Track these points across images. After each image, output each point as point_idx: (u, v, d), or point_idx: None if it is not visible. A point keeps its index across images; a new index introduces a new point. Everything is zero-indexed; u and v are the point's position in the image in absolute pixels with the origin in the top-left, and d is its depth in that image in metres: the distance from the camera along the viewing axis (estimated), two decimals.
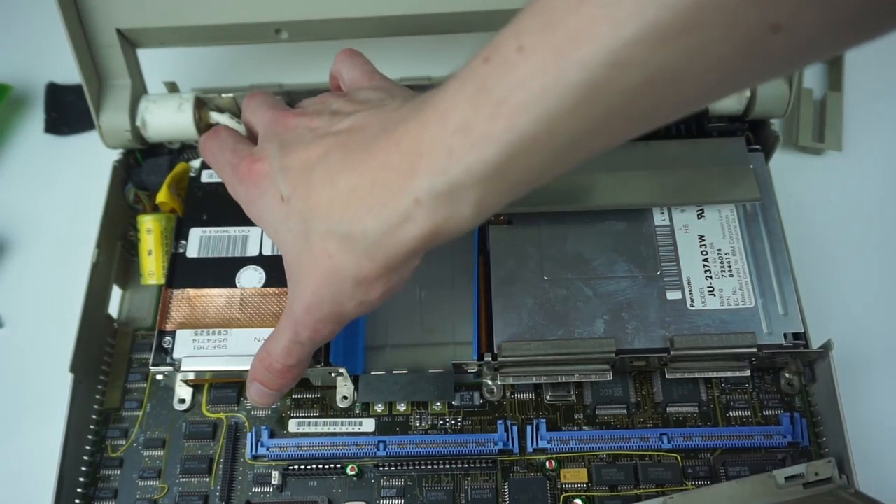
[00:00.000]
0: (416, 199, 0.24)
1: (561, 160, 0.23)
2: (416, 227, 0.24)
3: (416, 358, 0.36)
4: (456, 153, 0.23)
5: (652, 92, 0.21)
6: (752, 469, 0.32)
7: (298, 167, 0.27)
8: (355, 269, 0.26)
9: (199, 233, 0.37)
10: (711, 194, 0.36)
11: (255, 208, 0.30)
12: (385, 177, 0.24)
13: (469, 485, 0.33)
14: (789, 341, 0.33)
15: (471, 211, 0.24)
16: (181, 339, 0.34)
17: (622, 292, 0.34)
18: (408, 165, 0.24)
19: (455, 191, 0.23)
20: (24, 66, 0.49)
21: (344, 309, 0.27)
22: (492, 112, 0.22)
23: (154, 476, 0.34)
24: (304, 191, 0.27)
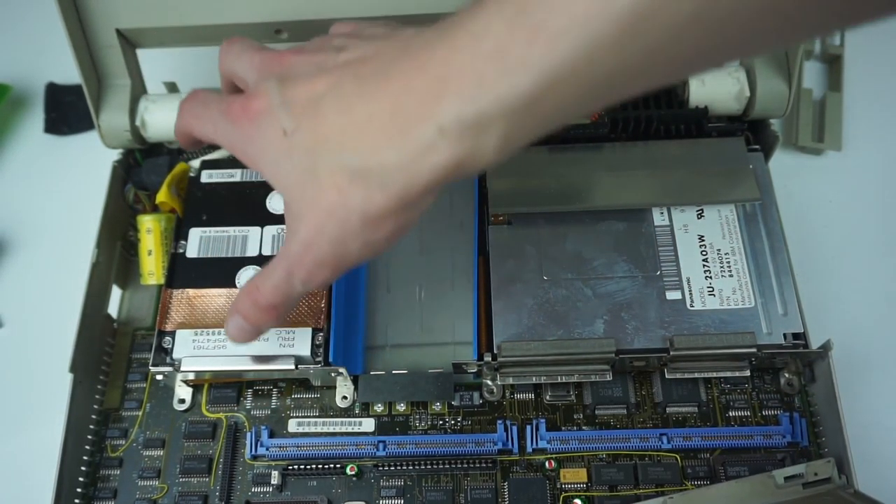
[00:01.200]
0: (441, 128, 0.22)
1: (596, 97, 0.22)
2: (438, 158, 0.22)
3: (416, 358, 0.36)
4: (487, 79, 0.21)
5: (698, 29, 0.19)
6: (752, 469, 0.32)
7: (303, 100, 0.25)
8: (365, 202, 0.24)
9: (198, 233, 0.36)
10: (711, 194, 0.36)
11: (251, 148, 0.27)
12: (407, 102, 0.22)
13: (469, 485, 0.33)
14: (789, 341, 0.33)
15: (496, 144, 0.22)
16: (181, 339, 0.34)
17: (622, 292, 0.34)
18: (433, 90, 0.22)
19: (483, 120, 0.22)
20: (23, 66, 0.49)
21: (346, 249, 0.25)
22: (529, 37, 0.20)
23: (154, 476, 0.34)
24: (311, 122, 0.24)
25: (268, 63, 0.28)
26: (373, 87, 0.23)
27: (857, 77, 0.46)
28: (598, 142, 0.37)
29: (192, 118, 0.30)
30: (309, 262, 0.26)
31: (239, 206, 0.37)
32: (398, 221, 0.25)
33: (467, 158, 0.22)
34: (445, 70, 0.22)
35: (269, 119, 0.26)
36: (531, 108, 0.21)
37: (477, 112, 0.21)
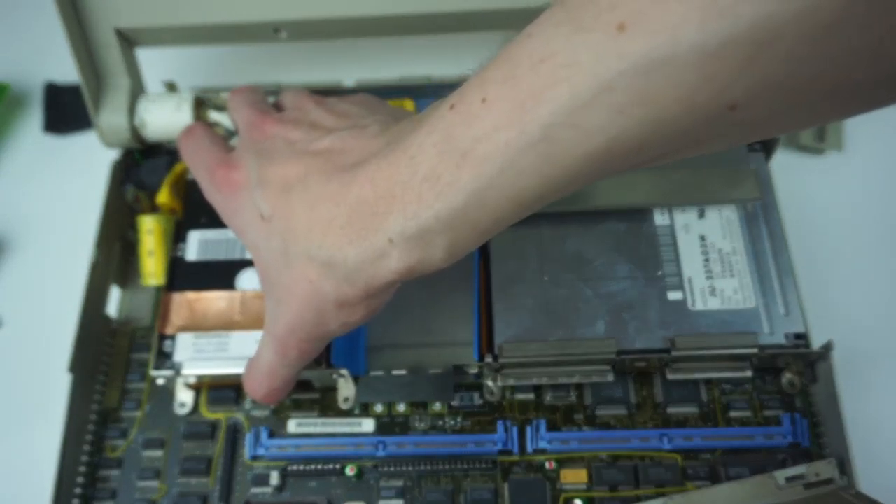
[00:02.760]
0: (390, 239, 0.24)
1: (529, 207, 0.23)
2: (391, 264, 0.25)
3: (416, 358, 0.36)
4: (425, 199, 0.23)
5: (611, 157, 0.21)
6: (753, 470, 0.32)
7: (277, 184, 0.28)
8: (336, 293, 0.26)
9: (197, 235, 0.37)
10: (712, 194, 0.36)
11: (234, 221, 0.30)
12: (361, 211, 0.25)
13: (469, 485, 0.33)
14: (791, 341, 0.33)
15: (442, 254, 0.24)
16: (182, 343, 0.34)
17: (623, 293, 0.34)
18: (382, 204, 0.24)
19: (425, 235, 0.24)
20: (22, 66, 0.49)
21: (328, 329, 0.28)
22: (458, 161, 0.22)
23: (153, 476, 0.34)
24: (285, 211, 0.27)
25: (252, 129, 0.31)
26: (334, 189, 0.26)
27: None
28: None
29: (185, 155, 0.33)
30: (297, 343, 0.28)
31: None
32: (370, 306, 0.27)
33: (417, 264, 0.25)
34: (390, 187, 0.24)
35: (248, 198, 0.29)
36: (468, 222, 0.23)
37: (418, 227, 0.24)
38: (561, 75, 0.20)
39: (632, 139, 0.20)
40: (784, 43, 0.17)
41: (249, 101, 0.32)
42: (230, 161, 0.30)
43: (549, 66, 0.20)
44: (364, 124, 0.28)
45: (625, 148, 0.21)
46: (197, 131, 0.33)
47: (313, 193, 0.26)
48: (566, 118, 0.20)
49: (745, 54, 0.18)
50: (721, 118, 0.19)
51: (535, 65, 0.21)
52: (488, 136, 0.22)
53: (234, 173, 0.30)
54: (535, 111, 0.21)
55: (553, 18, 0.21)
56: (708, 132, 0.20)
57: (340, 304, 0.27)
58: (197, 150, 0.32)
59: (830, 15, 0.17)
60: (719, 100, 0.19)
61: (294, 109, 0.31)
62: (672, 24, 0.18)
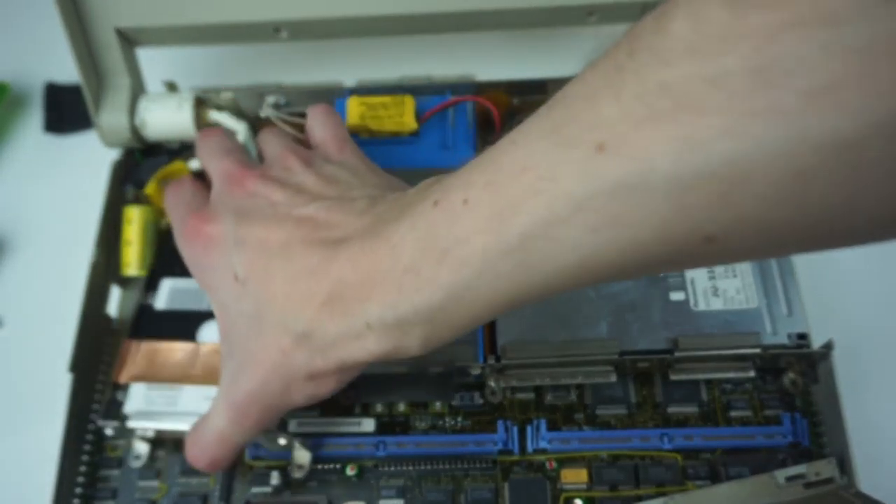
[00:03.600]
0: (368, 324, 0.25)
1: (506, 308, 0.23)
2: (367, 346, 0.25)
3: (416, 358, 0.36)
4: (405, 291, 0.24)
5: (586, 273, 0.21)
6: (753, 469, 0.32)
7: (255, 247, 0.27)
8: (309, 365, 0.26)
9: (170, 284, 0.37)
10: None
11: (203, 276, 0.29)
12: (342, 293, 0.25)
13: (469, 485, 0.33)
14: (793, 341, 0.33)
15: (417, 343, 0.25)
16: (134, 394, 0.34)
17: (625, 293, 0.34)
18: (362, 289, 0.25)
19: (403, 325, 0.24)
20: (22, 66, 0.49)
21: (291, 400, 0.28)
22: (438, 259, 0.23)
23: (153, 476, 0.34)
24: (262, 278, 0.27)
25: (231, 181, 0.30)
26: (315, 264, 0.26)
27: None
28: None
29: (167, 207, 0.33)
30: (256, 412, 0.28)
31: None
32: (339, 380, 0.27)
33: (392, 351, 0.25)
34: (371, 274, 0.24)
35: (222, 254, 0.28)
36: (444, 318, 0.24)
37: (396, 318, 0.24)
38: (539, 188, 0.20)
39: (606, 259, 0.20)
40: (756, 184, 0.17)
41: (226, 150, 0.32)
42: (205, 214, 0.30)
43: (529, 177, 0.21)
44: (352, 197, 0.28)
45: (599, 266, 0.21)
46: (185, 183, 0.33)
47: (295, 265, 0.26)
48: (542, 230, 0.21)
49: (719, 190, 0.18)
50: (696, 249, 0.19)
51: (515, 174, 0.21)
52: (468, 239, 0.22)
53: (208, 226, 0.29)
54: (513, 220, 0.21)
55: (538, 127, 0.21)
56: (684, 260, 0.20)
57: (311, 377, 0.27)
58: (178, 201, 0.32)
59: (802, 164, 0.17)
60: (695, 232, 0.19)
61: (278, 167, 0.30)
62: (649, 151, 0.18)
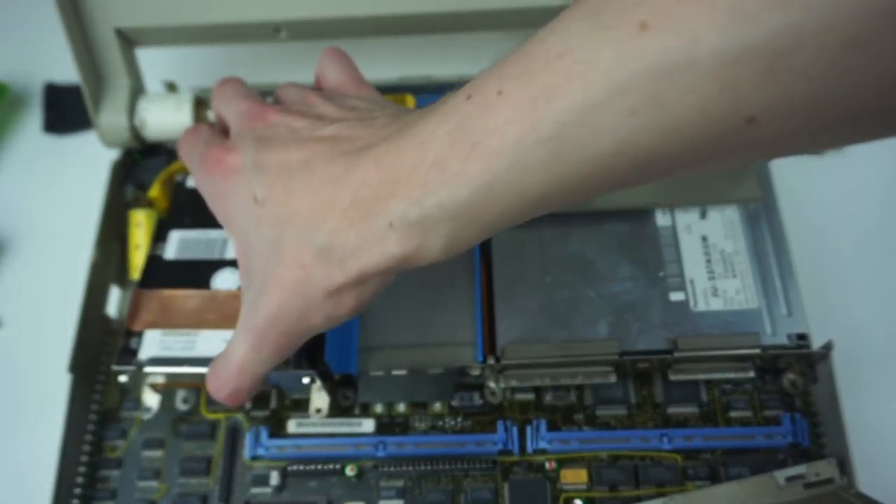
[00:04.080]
0: (391, 223, 0.24)
1: (534, 207, 0.23)
2: (387, 250, 0.24)
3: (416, 358, 0.36)
4: (430, 186, 0.23)
5: (622, 162, 0.20)
6: (753, 470, 0.32)
7: (275, 167, 0.27)
8: (327, 280, 0.25)
9: (178, 235, 0.36)
10: (713, 195, 0.36)
11: (222, 206, 0.28)
12: (364, 195, 0.24)
13: (469, 485, 0.33)
14: (793, 342, 0.33)
15: (441, 244, 0.24)
16: (149, 341, 0.33)
17: (625, 294, 0.34)
18: (385, 188, 0.24)
19: (426, 222, 0.23)
20: (21, 66, 0.49)
21: (310, 322, 0.27)
22: (468, 152, 0.22)
23: (153, 477, 0.34)
24: (282, 195, 0.26)
25: (251, 116, 0.29)
26: (338, 172, 0.25)
27: None
28: None
29: (184, 152, 0.32)
30: (276, 336, 0.27)
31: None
32: (358, 297, 0.26)
33: (414, 253, 0.24)
34: (396, 172, 0.24)
35: (241, 180, 0.27)
36: (471, 215, 0.23)
37: (420, 214, 0.23)
38: (576, 72, 0.20)
39: (643, 144, 0.20)
40: (803, 57, 0.17)
41: (243, 94, 0.31)
42: (226, 145, 0.29)
43: (565, 62, 0.20)
44: (373, 116, 0.28)
45: (635, 153, 0.20)
46: (202, 128, 0.32)
47: (316, 177, 0.26)
48: (578, 116, 0.20)
49: (765, 65, 0.17)
50: (737, 132, 0.19)
51: (551, 61, 0.20)
52: (500, 130, 0.21)
53: (228, 156, 0.28)
54: (548, 108, 0.20)
55: (575, 14, 0.21)
56: (722, 146, 0.20)
57: (329, 293, 0.26)
58: (195, 142, 0.31)
59: (853, 32, 0.16)
60: (736, 111, 0.18)
61: (298, 103, 0.30)
62: (695, 26, 0.18)
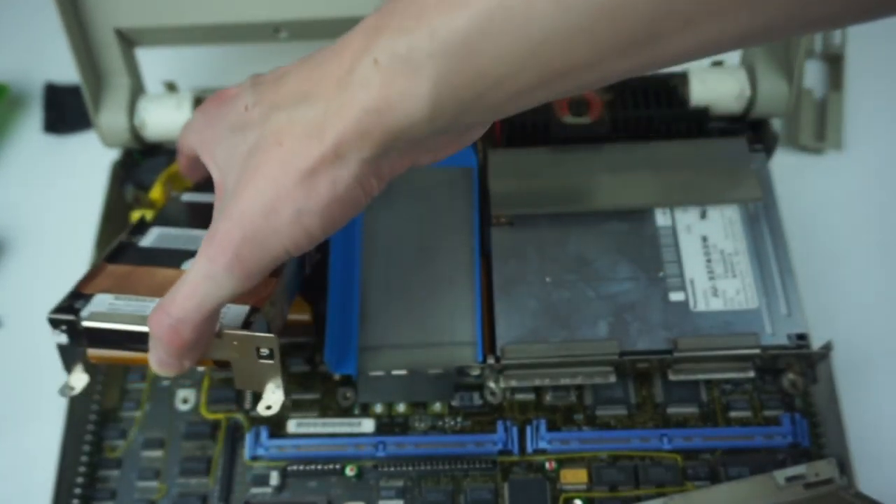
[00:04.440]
0: (375, 59, 0.22)
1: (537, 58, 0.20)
2: (368, 93, 0.22)
3: (416, 358, 0.36)
4: (426, 15, 0.21)
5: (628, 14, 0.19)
6: (753, 470, 0.32)
7: (270, 80, 0.25)
8: (302, 156, 0.23)
9: (159, 231, 0.34)
10: (713, 195, 0.36)
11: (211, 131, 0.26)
12: (353, 43, 0.22)
13: (468, 485, 0.33)
14: (793, 342, 0.33)
15: (428, 88, 0.21)
16: (97, 301, 0.29)
17: (625, 294, 0.34)
18: (377, 24, 0.22)
19: (414, 55, 0.21)
20: (21, 66, 0.49)
21: (277, 220, 0.23)
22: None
23: (152, 477, 0.34)
24: (272, 90, 0.25)
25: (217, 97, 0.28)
26: (339, 46, 0.23)
27: (858, 76, 0.46)
28: (598, 142, 0.37)
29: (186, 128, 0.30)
30: (236, 242, 0.23)
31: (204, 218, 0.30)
32: (332, 185, 0.23)
33: (396, 99, 0.22)
34: (392, 6, 0.22)
35: (236, 102, 0.26)
36: (466, 52, 0.21)
37: (409, 45, 0.21)
38: None
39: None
40: None
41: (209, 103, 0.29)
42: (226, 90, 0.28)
43: None
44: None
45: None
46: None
47: (309, 63, 0.24)
48: None
49: None
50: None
51: None
52: None
53: (227, 91, 0.28)
54: None
55: None
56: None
57: (303, 175, 0.23)
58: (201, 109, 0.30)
59: None
60: None
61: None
62: None
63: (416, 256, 0.37)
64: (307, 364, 0.36)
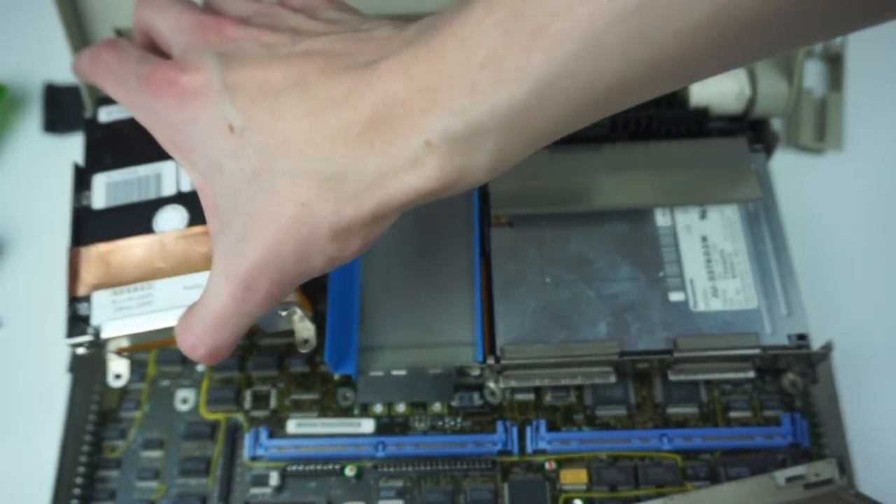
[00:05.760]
0: (428, 142, 0.20)
1: (595, 108, 0.20)
2: (422, 174, 0.21)
3: (416, 358, 0.36)
4: (480, 90, 0.20)
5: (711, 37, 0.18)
6: (753, 470, 0.32)
7: (253, 88, 0.22)
8: (334, 217, 0.22)
9: (104, 179, 0.32)
10: (713, 195, 0.36)
11: (179, 136, 0.24)
12: (389, 112, 0.21)
13: (468, 486, 0.33)
14: (793, 342, 0.33)
15: (487, 161, 0.21)
16: (98, 302, 0.29)
17: (625, 294, 0.34)
18: (420, 101, 0.20)
19: (475, 135, 0.20)
20: (21, 66, 0.49)
21: (309, 266, 0.23)
22: (527, 42, 0.19)
23: (152, 477, 0.34)
24: (268, 121, 0.22)
25: (202, 29, 0.24)
26: (347, 88, 0.21)
27: (858, 77, 0.46)
28: (598, 142, 0.37)
29: (104, 72, 0.27)
30: (267, 285, 0.23)
31: (147, 140, 0.29)
32: (368, 236, 0.23)
33: (455, 176, 0.21)
34: (433, 79, 0.20)
35: (206, 105, 0.23)
36: (527, 121, 0.20)
37: (468, 125, 0.20)
38: None
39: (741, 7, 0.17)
40: None
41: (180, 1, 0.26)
42: (176, 63, 0.24)
43: None
44: (364, 28, 0.23)
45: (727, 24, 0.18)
46: (122, 43, 0.27)
47: (314, 99, 0.22)
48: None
49: None
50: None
51: None
52: (570, 9, 0.18)
53: (183, 76, 0.23)
54: None
55: None
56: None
57: (336, 233, 0.22)
58: (121, 60, 0.26)
59: None
60: None
61: (262, 15, 0.25)
62: None
63: (417, 257, 0.37)
64: (307, 364, 0.36)
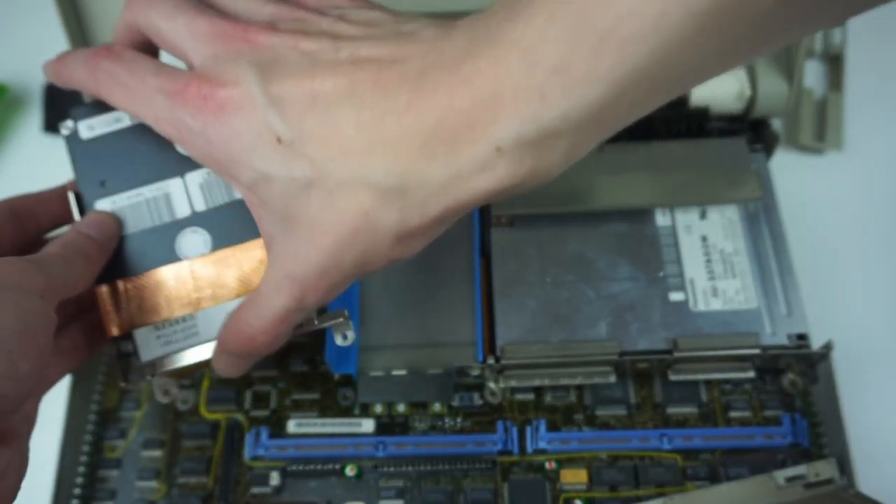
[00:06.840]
0: (498, 148, 0.20)
1: (665, 95, 0.20)
2: (493, 178, 0.21)
3: (416, 358, 0.36)
4: (550, 97, 0.20)
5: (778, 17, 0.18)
6: (753, 470, 0.32)
7: (300, 100, 0.22)
8: (399, 224, 0.22)
9: (108, 205, 0.29)
10: (713, 194, 0.36)
11: (222, 151, 0.23)
12: (454, 121, 0.21)
13: (468, 485, 0.33)
14: (793, 342, 0.33)
15: (559, 159, 0.21)
16: (142, 340, 0.28)
17: (625, 294, 0.34)
18: (486, 110, 0.20)
19: (548, 138, 0.20)
20: (22, 66, 0.49)
21: (368, 268, 0.23)
22: (596, 47, 0.19)
23: (152, 477, 0.34)
24: (321, 133, 0.22)
25: (227, 38, 0.23)
26: (404, 100, 0.21)
27: (858, 77, 0.46)
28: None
29: (111, 84, 0.25)
30: (325, 287, 0.23)
31: (142, 157, 0.28)
32: (432, 237, 0.23)
33: (527, 175, 0.21)
34: (497, 87, 0.20)
35: (250, 119, 0.22)
36: (599, 119, 0.20)
37: (539, 130, 0.20)
38: None
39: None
40: None
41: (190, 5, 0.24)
42: (207, 76, 0.23)
43: None
44: (408, 31, 0.23)
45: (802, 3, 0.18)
46: (126, 53, 0.25)
47: (371, 107, 0.21)
48: None
49: None
50: None
51: None
52: (637, 11, 0.18)
53: (221, 91, 0.22)
54: None
55: None
56: None
57: (400, 238, 0.22)
58: (135, 72, 0.24)
59: None
60: None
61: (287, 21, 0.24)
62: None
63: (417, 257, 0.37)
64: (307, 364, 0.36)
